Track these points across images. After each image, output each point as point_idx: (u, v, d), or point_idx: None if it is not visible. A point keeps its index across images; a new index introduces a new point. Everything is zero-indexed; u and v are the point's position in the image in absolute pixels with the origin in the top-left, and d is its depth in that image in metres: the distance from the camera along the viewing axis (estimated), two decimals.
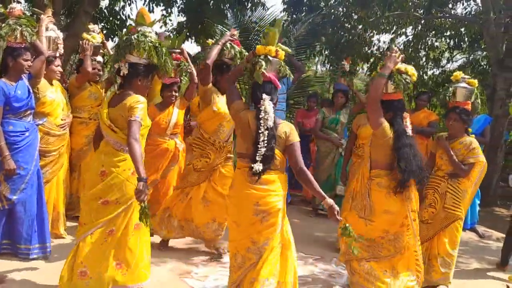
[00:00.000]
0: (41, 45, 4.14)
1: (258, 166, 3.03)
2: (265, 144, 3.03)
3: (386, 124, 3.49)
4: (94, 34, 5.19)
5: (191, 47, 21.06)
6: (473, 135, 4.27)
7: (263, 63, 3.20)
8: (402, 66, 3.58)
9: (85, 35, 5.13)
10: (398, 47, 3.97)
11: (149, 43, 3.27)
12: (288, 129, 3.18)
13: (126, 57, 3.26)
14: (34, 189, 4.00)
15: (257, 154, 3.02)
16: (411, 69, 3.58)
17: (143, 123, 3.18)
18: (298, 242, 5.08)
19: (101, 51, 5.53)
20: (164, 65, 3.37)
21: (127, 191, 3.21)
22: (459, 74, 4.29)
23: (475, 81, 4.23)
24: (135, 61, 3.27)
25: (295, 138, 3.18)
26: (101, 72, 5.46)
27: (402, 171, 3.42)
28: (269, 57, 3.23)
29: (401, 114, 3.58)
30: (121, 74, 3.28)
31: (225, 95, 3.89)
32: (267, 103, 3.10)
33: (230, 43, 4.36)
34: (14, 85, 3.84)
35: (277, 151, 3.12)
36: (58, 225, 4.62)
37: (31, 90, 4.00)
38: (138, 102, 3.16)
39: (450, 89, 4.23)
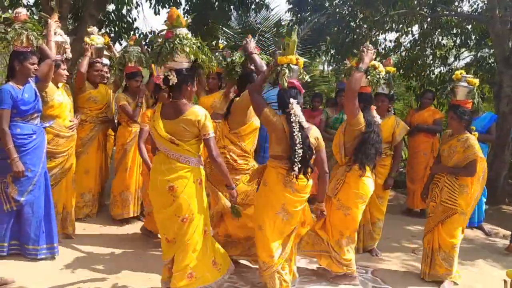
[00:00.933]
0: (47, 49, 4.20)
1: (296, 167, 3.36)
2: (301, 146, 3.34)
3: (361, 114, 3.84)
4: (94, 36, 5.25)
5: None
6: (476, 133, 4.30)
7: (287, 71, 3.47)
8: (375, 63, 3.98)
9: (86, 38, 5.20)
10: (369, 47, 4.07)
11: (193, 44, 3.29)
12: (318, 135, 3.57)
13: (169, 64, 3.23)
14: (41, 191, 4.08)
15: (295, 155, 3.34)
16: (379, 65, 4.02)
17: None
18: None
19: (106, 53, 5.59)
20: (209, 64, 3.42)
21: (198, 204, 3.31)
22: (459, 73, 4.32)
23: (476, 80, 4.24)
24: (179, 66, 3.25)
25: (323, 143, 3.61)
26: (107, 75, 5.54)
27: (362, 155, 3.86)
28: (291, 65, 3.50)
29: (369, 106, 4.01)
30: (170, 83, 3.22)
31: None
32: (295, 107, 3.41)
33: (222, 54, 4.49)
34: (21, 88, 3.91)
35: None
36: (68, 225, 4.70)
37: (38, 93, 4.06)
38: (205, 117, 3.26)
39: (449, 87, 4.27)
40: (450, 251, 4.22)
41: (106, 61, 5.53)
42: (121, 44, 9.40)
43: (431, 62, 10.66)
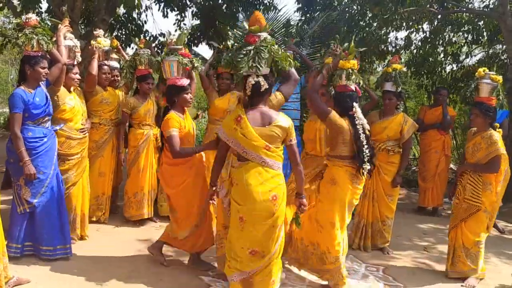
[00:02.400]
0: (57, 53, 4.26)
1: (367, 166, 3.69)
2: (367, 146, 3.67)
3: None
4: (100, 39, 5.30)
5: (204, 50, 21.24)
6: (500, 130, 4.29)
7: (347, 74, 3.75)
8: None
9: (92, 41, 5.25)
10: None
11: (281, 50, 3.34)
12: None
13: (262, 71, 3.23)
14: (54, 192, 4.14)
15: (364, 155, 3.66)
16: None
17: None
18: None
19: (115, 56, 5.63)
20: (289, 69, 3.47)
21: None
22: (482, 70, 4.30)
23: (500, 77, 4.23)
24: (265, 72, 3.26)
25: None
26: (118, 78, 5.59)
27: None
28: (349, 70, 3.77)
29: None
30: (262, 89, 3.22)
31: None
32: (358, 110, 3.72)
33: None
34: (33, 92, 3.98)
35: None
36: (83, 227, 4.77)
37: (48, 97, 4.12)
38: (291, 122, 3.31)
39: (473, 85, 4.28)
40: (473, 248, 4.23)
41: (116, 64, 5.57)
42: (132, 48, 9.51)
43: (443, 59, 10.57)
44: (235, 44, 4.63)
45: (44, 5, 9.66)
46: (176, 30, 10.11)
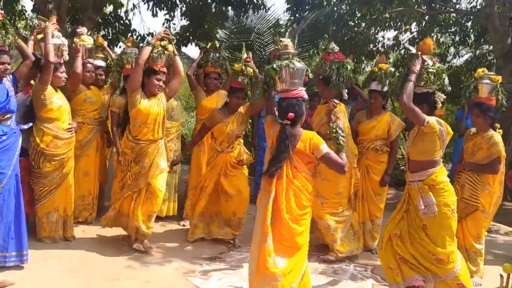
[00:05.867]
0: (27, 50, 4.16)
1: None
2: None
3: None
4: (84, 37, 5.22)
5: (193, 50, 21.11)
6: (501, 131, 4.33)
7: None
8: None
9: (75, 39, 5.16)
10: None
11: None
12: None
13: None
14: (11, 195, 3.90)
15: None
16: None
17: None
18: None
19: (101, 55, 5.54)
20: None
21: None
22: (481, 70, 4.34)
23: (499, 77, 4.26)
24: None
25: None
26: (102, 77, 5.49)
27: None
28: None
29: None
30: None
31: None
32: None
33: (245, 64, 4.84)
34: None
35: None
36: (68, 229, 4.68)
37: (10, 93, 3.91)
38: None
39: (472, 85, 4.31)
40: (472, 248, 4.27)
41: (101, 63, 5.49)
42: (119, 47, 9.42)
43: None
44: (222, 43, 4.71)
45: (30, 4, 9.55)
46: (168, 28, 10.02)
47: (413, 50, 3.69)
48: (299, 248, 3.11)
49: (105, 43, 5.81)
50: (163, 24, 9.96)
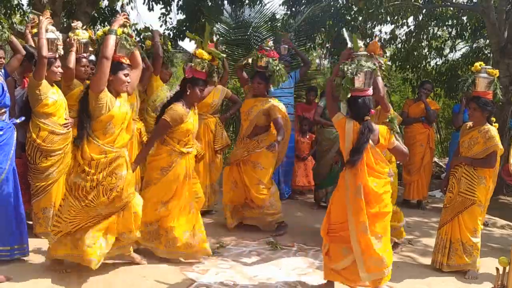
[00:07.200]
0: (18, 44, 4.14)
1: None
2: None
3: None
4: (78, 31, 5.16)
5: (189, 45, 21.06)
6: (497, 124, 4.34)
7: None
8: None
9: (70, 33, 5.11)
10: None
11: None
12: None
13: None
14: (10, 189, 3.91)
15: None
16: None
17: None
18: (299, 234, 5.19)
19: (91, 48, 5.47)
20: None
21: None
22: (479, 64, 4.33)
23: (496, 71, 4.26)
24: None
25: None
26: (93, 71, 5.42)
27: None
28: None
29: None
30: None
31: None
32: None
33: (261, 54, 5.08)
34: None
35: None
36: None
37: (4, 88, 3.91)
38: None
39: (470, 79, 4.29)
40: (468, 242, 4.27)
41: (92, 57, 5.42)
42: None
43: (427, 53, 10.65)
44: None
45: None
46: (161, 26, 9.97)
47: (350, 44, 3.68)
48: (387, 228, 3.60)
49: (94, 37, 5.74)
50: (159, 18, 9.92)
